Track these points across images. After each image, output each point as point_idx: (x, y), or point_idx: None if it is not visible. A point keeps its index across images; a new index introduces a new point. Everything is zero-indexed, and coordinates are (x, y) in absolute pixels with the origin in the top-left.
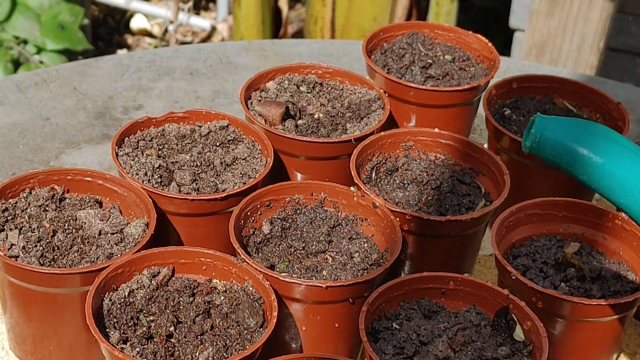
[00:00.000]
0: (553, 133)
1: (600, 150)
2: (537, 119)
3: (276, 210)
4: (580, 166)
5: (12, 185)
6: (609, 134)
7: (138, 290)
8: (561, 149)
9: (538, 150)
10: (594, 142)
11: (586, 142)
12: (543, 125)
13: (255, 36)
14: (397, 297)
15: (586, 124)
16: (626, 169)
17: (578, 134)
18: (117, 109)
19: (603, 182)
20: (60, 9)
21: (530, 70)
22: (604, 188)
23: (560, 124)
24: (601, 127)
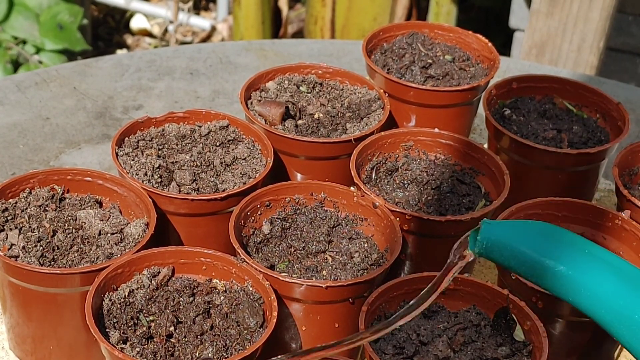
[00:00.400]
0: (500, 238)
1: (555, 256)
2: (483, 225)
3: (276, 210)
4: (534, 272)
5: (12, 185)
6: (561, 235)
7: (138, 290)
8: (510, 254)
9: (486, 256)
10: (546, 247)
11: (537, 246)
12: (488, 231)
13: (255, 36)
14: (397, 297)
15: (535, 227)
16: (585, 274)
17: (529, 238)
18: (117, 108)
19: (558, 286)
20: (60, 9)
21: (530, 70)
22: (562, 293)
23: (508, 228)
24: (553, 229)
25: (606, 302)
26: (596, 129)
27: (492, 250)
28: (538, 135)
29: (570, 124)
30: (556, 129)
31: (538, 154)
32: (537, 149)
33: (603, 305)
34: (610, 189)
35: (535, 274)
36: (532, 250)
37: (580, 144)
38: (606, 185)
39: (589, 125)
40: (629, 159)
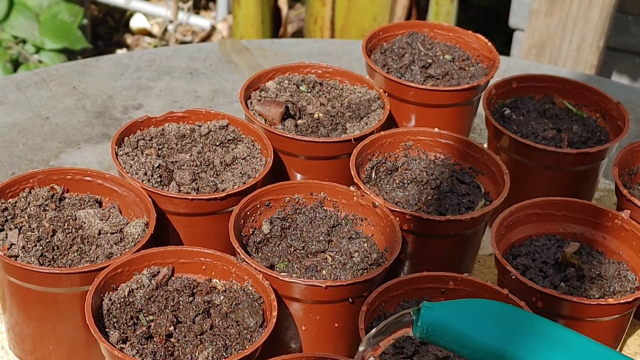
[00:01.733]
0: (440, 321)
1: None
2: (423, 309)
3: (276, 210)
4: (476, 355)
5: (12, 185)
6: (504, 314)
7: (138, 289)
8: (451, 337)
9: (428, 340)
10: (488, 328)
11: (479, 328)
12: (428, 314)
13: (255, 35)
14: (396, 296)
15: (476, 306)
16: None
17: (470, 320)
18: (117, 108)
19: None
20: (60, 8)
21: (530, 69)
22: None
23: (448, 310)
24: (494, 307)
25: None
26: (596, 129)
27: (434, 333)
28: (538, 134)
29: (570, 124)
30: (556, 129)
31: (538, 154)
32: (536, 149)
33: None
34: (610, 189)
35: (478, 356)
36: (477, 334)
37: (580, 144)
38: (606, 185)
39: (588, 125)
40: (629, 159)
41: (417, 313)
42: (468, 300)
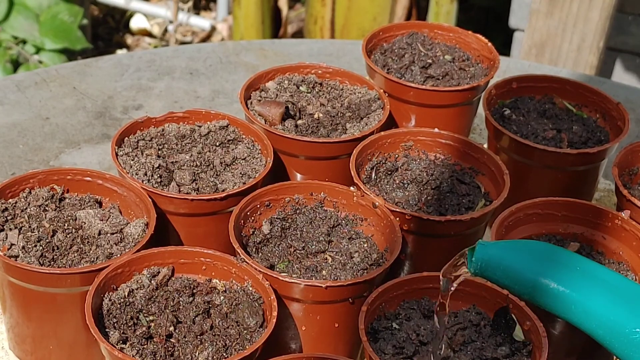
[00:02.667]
0: (493, 258)
1: (548, 274)
2: (478, 246)
3: (276, 210)
4: (527, 290)
5: (12, 185)
6: (553, 254)
7: (138, 290)
8: (503, 274)
9: (482, 275)
10: (539, 266)
11: (530, 265)
12: (483, 251)
13: (255, 36)
14: (397, 296)
15: (528, 246)
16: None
17: (521, 258)
18: (117, 108)
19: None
20: (60, 9)
21: (530, 70)
22: (557, 310)
23: (501, 248)
24: (545, 247)
25: (597, 318)
26: (596, 129)
27: (487, 269)
28: (538, 135)
29: (570, 124)
30: (556, 129)
31: (538, 154)
32: (537, 149)
33: (595, 321)
34: (610, 189)
35: (529, 292)
36: (524, 270)
37: (580, 144)
38: (606, 185)
39: (588, 125)
40: (629, 159)
41: (471, 251)
42: (519, 241)
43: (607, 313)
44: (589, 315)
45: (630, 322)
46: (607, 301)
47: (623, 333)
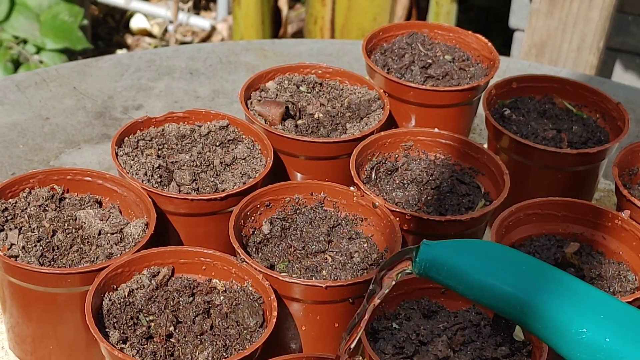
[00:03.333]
0: (438, 258)
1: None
2: (422, 246)
3: (276, 210)
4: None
5: (12, 185)
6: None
7: (138, 290)
8: (448, 274)
9: (427, 276)
10: (485, 266)
11: (475, 265)
12: (427, 251)
13: (255, 36)
14: (396, 296)
15: (473, 246)
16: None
17: (467, 257)
18: (117, 108)
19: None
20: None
21: (530, 70)
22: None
23: (445, 248)
24: (492, 247)
25: (544, 318)
26: (596, 129)
27: (431, 270)
28: (538, 135)
29: (570, 124)
30: (556, 129)
31: (538, 154)
32: (536, 149)
33: (541, 322)
34: (610, 189)
35: (475, 293)
36: (470, 270)
37: (580, 144)
38: (606, 185)
39: (588, 125)
40: (629, 159)
41: (416, 250)
42: (464, 240)
43: (554, 313)
44: (536, 316)
45: (576, 323)
46: (554, 301)
47: (569, 334)
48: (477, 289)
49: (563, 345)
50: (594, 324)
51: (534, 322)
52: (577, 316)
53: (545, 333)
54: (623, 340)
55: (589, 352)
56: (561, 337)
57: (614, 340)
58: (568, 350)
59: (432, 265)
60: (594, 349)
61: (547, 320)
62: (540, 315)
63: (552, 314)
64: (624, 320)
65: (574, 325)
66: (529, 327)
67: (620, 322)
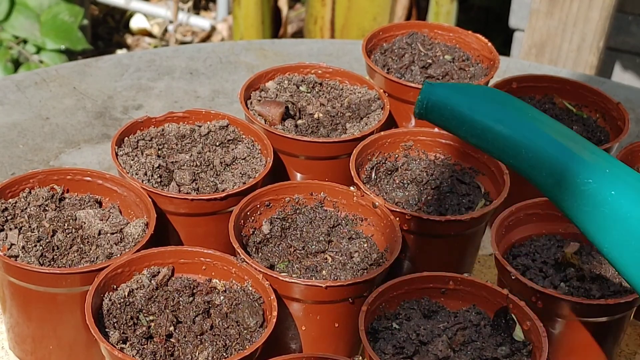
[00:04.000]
0: (440, 98)
1: (496, 117)
2: (425, 86)
3: (276, 210)
4: (473, 133)
5: (12, 185)
6: (502, 98)
7: (138, 290)
8: (450, 115)
9: (427, 117)
10: (487, 108)
11: (477, 107)
12: (429, 91)
13: (255, 36)
14: (397, 296)
15: (477, 90)
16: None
17: (469, 99)
18: (117, 108)
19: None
20: (60, 9)
21: (530, 70)
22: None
23: (447, 88)
24: (494, 92)
25: (548, 165)
26: (596, 129)
27: (432, 111)
28: None
29: (570, 124)
30: None
31: None
32: None
33: (545, 169)
34: None
35: (476, 135)
36: (472, 111)
37: None
38: None
39: (588, 125)
40: (629, 159)
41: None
42: (468, 84)
43: (560, 159)
44: (539, 162)
45: (583, 172)
46: (561, 148)
47: (574, 183)
48: (476, 130)
49: (564, 196)
50: (600, 176)
51: (537, 170)
52: (582, 166)
53: (548, 182)
54: (629, 198)
55: (592, 204)
56: (564, 187)
57: (620, 195)
58: (568, 202)
59: (433, 106)
60: (599, 201)
61: (552, 167)
62: (545, 162)
63: (558, 161)
64: (630, 179)
65: (579, 174)
66: (530, 175)
67: (627, 180)
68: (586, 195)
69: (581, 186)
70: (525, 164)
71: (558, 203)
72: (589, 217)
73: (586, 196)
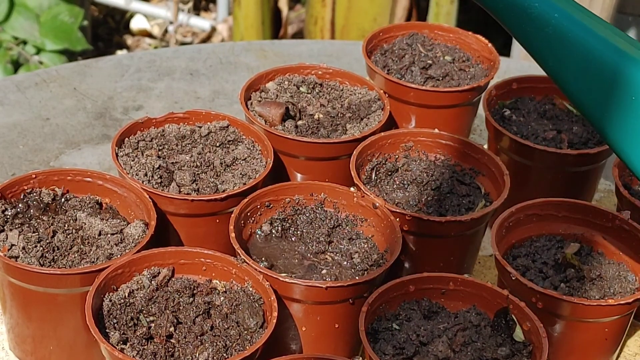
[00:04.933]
0: None
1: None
2: None
3: (276, 211)
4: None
5: (12, 186)
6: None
7: (138, 290)
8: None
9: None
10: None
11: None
12: None
13: (255, 36)
14: (397, 297)
15: None
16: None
17: None
18: (117, 109)
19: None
20: (60, 10)
21: (530, 70)
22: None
23: None
24: None
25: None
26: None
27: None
28: (538, 135)
29: (570, 125)
30: (556, 130)
31: (538, 155)
32: (537, 150)
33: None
34: (610, 189)
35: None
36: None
37: (580, 145)
38: (606, 186)
39: (588, 126)
40: None
41: None
42: None
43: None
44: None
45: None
46: None
47: (522, 7)
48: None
49: (514, 20)
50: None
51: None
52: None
53: (498, 6)
54: (573, 20)
55: (537, 26)
56: (511, 11)
57: (562, 17)
58: (518, 27)
59: None
60: (543, 23)
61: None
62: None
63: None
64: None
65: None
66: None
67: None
68: (532, 19)
69: (528, 10)
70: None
71: (514, 34)
72: (536, 38)
73: (532, 19)
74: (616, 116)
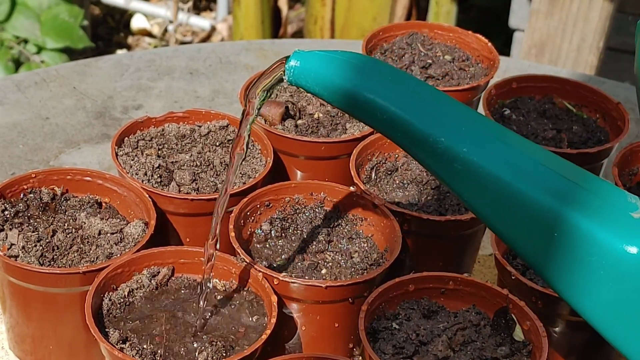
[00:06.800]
0: (307, 65)
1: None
2: (293, 54)
3: (276, 210)
4: (343, 100)
5: (12, 185)
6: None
7: (138, 290)
8: (315, 81)
9: (297, 83)
10: (354, 74)
11: (343, 73)
12: (296, 58)
13: (255, 36)
14: (396, 296)
15: (343, 56)
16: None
17: (334, 66)
18: (117, 108)
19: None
20: (60, 9)
21: (530, 70)
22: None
23: (315, 56)
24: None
25: (404, 127)
26: (596, 129)
27: (300, 76)
28: (538, 135)
29: (570, 124)
30: (556, 129)
31: None
32: None
33: (400, 130)
34: None
35: (340, 100)
36: (334, 77)
37: (580, 144)
38: None
39: (588, 125)
40: (629, 159)
41: (288, 59)
42: (333, 51)
43: (413, 122)
44: (395, 124)
45: (435, 132)
46: (414, 107)
47: (427, 142)
48: (342, 97)
49: (423, 155)
50: (451, 133)
51: (393, 130)
52: (439, 126)
53: (404, 143)
54: (486, 153)
55: (444, 161)
56: (420, 147)
57: (472, 151)
58: (429, 161)
59: (300, 72)
60: (450, 158)
61: (406, 129)
62: (401, 124)
63: (410, 123)
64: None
65: (433, 134)
66: (387, 133)
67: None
68: (439, 154)
69: (435, 145)
70: (383, 125)
71: (422, 161)
72: (447, 173)
73: (439, 154)
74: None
